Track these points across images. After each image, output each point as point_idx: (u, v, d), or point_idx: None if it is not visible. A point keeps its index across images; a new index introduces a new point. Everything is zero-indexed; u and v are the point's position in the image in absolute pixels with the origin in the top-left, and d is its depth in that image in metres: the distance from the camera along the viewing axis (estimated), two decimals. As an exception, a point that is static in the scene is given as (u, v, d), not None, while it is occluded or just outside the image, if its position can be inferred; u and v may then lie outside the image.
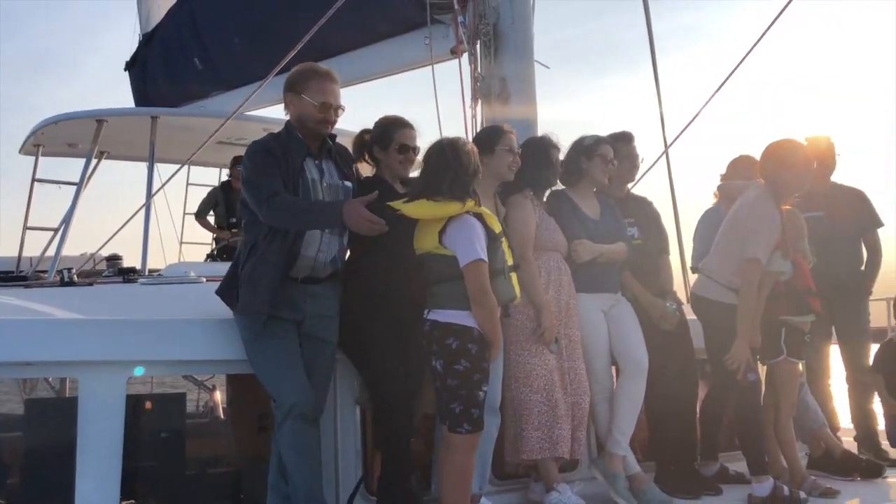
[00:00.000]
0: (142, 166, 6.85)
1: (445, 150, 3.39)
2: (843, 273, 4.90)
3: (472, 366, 3.22)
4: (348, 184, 3.57)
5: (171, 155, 6.55)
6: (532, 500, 3.91)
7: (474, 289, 3.23)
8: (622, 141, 4.42)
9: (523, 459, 3.81)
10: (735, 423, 4.30)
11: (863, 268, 5.09)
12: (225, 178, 7.88)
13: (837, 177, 5.19)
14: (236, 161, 6.87)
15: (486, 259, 3.26)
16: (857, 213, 5.05)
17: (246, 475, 3.85)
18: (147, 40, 7.80)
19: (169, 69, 7.46)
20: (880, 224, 5.11)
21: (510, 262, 3.42)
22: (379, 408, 3.49)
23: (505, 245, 3.40)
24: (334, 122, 3.53)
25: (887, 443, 4.77)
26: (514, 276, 3.42)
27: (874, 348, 5.13)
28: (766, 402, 4.28)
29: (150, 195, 6.04)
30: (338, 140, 3.66)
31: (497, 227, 3.38)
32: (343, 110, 3.54)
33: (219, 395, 5.94)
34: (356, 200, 3.29)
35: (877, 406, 4.99)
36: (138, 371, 3.36)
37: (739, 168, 4.91)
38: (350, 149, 3.78)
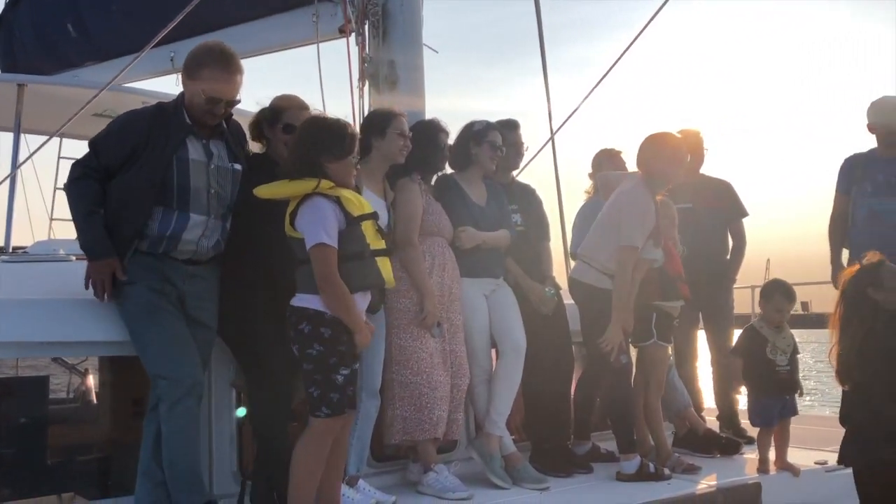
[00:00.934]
0: (7, 137, 6.45)
1: (304, 125, 3.26)
2: (710, 261, 5.15)
3: (326, 350, 3.13)
4: (238, 166, 3.49)
5: (40, 126, 6.16)
6: (410, 480, 3.95)
7: (317, 274, 3.12)
8: (508, 128, 4.50)
9: (403, 441, 3.85)
10: (607, 404, 4.48)
11: (728, 256, 5.36)
12: None
13: (706, 169, 5.43)
14: None
15: (330, 243, 3.11)
16: (723, 204, 5.30)
17: (117, 462, 3.71)
18: (14, 1, 7.30)
19: (39, 35, 7.00)
20: (745, 214, 5.39)
21: (376, 245, 3.24)
22: (255, 393, 3.43)
23: (369, 228, 3.23)
24: (222, 116, 3.40)
25: (748, 422, 5.07)
26: (382, 260, 3.25)
27: (738, 333, 5.43)
28: (636, 383, 4.46)
29: (14, 167, 5.69)
30: (233, 118, 3.56)
31: (357, 210, 3.20)
32: (237, 102, 3.40)
33: (92, 380, 5.70)
34: (113, 263, 3.23)
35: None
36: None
37: (601, 160, 5.12)
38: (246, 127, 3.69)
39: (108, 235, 3.27)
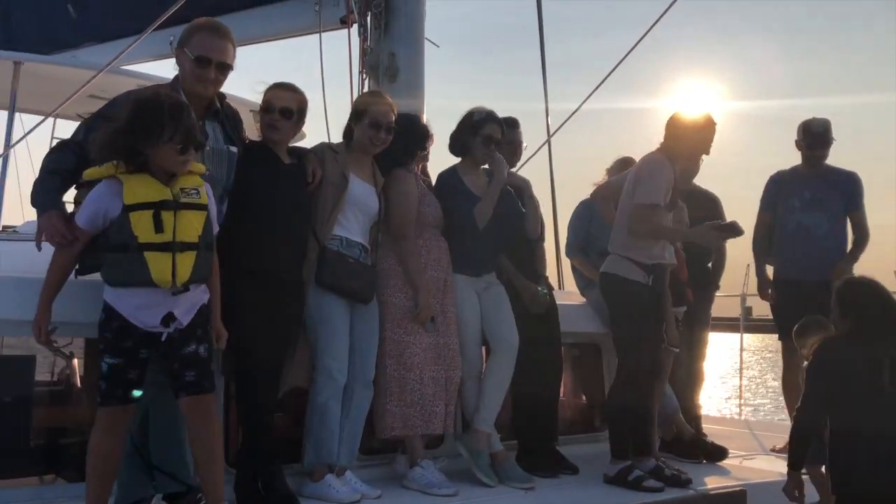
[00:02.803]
0: (1, 115, 6.41)
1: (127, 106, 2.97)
2: (695, 268, 5.18)
3: (98, 335, 2.99)
4: (233, 149, 3.45)
5: (35, 105, 6.14)
6: (397, 472, 3.91)
7: None
8: (507, 126, 4.47)
9: (394, 435, 3.82)
10: (609, 406, 4.34)
11: (710, 264, 5.39)
12: None
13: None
14: None
15: (79, 224, 2.94)
16: (709, 216, 5.32)
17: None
18: (14, -20, 7.25)
19: (37, 13, 6.95)
20: None
21: (148, 238, 2.83)
22: (242, 379, 3.40)
23: (142, 218, 2.83)
24: (214, 82, 3.34)
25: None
26: (154, 256, 2.83)
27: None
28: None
29: (8, 146, 5.66)
30: (229, 103, 3.52)
31: (132, 199, 2.84)
32: (229, 69, 3.36)
33: (77, 363, 5.65)
34: (53, 215, 3.03)
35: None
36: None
37: (619, 168, 5.11)
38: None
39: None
